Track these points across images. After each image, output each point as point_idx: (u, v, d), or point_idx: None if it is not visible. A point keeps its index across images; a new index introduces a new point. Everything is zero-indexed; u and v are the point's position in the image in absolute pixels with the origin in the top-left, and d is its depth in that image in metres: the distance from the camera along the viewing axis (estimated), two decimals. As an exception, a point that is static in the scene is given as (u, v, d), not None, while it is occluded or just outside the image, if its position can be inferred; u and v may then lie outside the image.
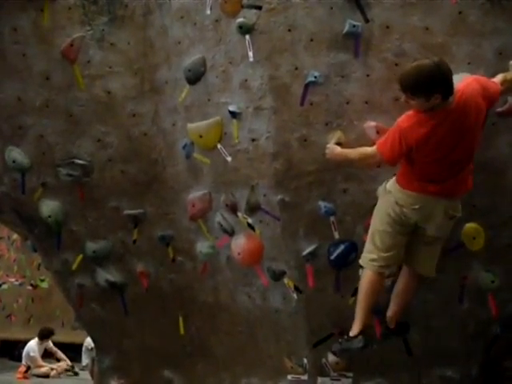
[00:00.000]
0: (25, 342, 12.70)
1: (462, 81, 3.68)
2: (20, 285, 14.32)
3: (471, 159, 3.76)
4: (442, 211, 3.79)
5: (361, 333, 4.02)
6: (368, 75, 3.98)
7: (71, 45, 4.63)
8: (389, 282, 4.25)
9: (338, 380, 4.60)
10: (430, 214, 3.79)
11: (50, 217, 4.94)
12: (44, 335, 12.29)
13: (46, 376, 11.90)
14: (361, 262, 4.03)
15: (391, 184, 3.87)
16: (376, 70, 3.97)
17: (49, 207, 4.94)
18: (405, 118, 3.65)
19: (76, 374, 12.05)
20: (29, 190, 4.91)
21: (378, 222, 3.90)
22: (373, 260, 3.92)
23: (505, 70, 3.89)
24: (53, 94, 4.72)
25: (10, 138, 4.82)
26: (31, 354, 12.08)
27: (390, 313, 4.21)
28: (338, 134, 4.03)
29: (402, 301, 4.17)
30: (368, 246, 3.97)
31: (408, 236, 3.94)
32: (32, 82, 4.71)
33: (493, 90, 3.71)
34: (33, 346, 12.27)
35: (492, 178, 4.09)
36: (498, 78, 3.81)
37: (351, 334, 4.05)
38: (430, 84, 3.47)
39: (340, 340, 4.15)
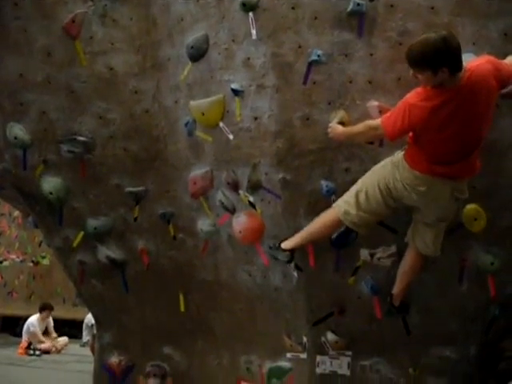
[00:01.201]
0: (26, 319, 12.78)
1: (474, 60, 3.64)
2: (21, 262, 14.35)
3: (481, 142, 3.72)
4: (448, 194, 3.78)
5: (290, 251, 4.18)
6: (371, 54, 3.96)
7: (73, 21, 4.59)
8: (388, 263, 4.27)
9: (337, 359, 4.64)
10: (435, 196, 3.77)
11: (51, 193, 4.93)
12: (43, 308, 12.39)
13: (47, 352, 11.97)
14: (334, 205, 4.02)
15: (399, 160, 3.81)
16: (380, 49, 3.95)
17: (50, 184, 4.93)
18: (413, 94, 3.62)
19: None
20: (30, 166, 4.90)
21: (372, 184, 3.88)
22: (348, 213, 3.93)
23: (510, 51, 3.87)
24: (54, 70, 4.69)
25: (12, 114, 4.80)
26: (31, 328, 12.16)
27: (395, 290, 4.25)
28: (340, 114, 4.01)
29: (407, 279, 4.19)
30: (349, 198, 3.94)
31: (392, 210, 3.95)
32: (33, 58, 4.67)
33: (506, 71, 3.66)
34: (33, 321, 12.36)
35: (494, 160, 4.07)
36: (509, 60, 3.78)
37: (283, 246, 4.20)
38: (436, 57, 3.43)
39: (272, 245, 4.29)
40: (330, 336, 4.57)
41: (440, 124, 3.56)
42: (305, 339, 4.70)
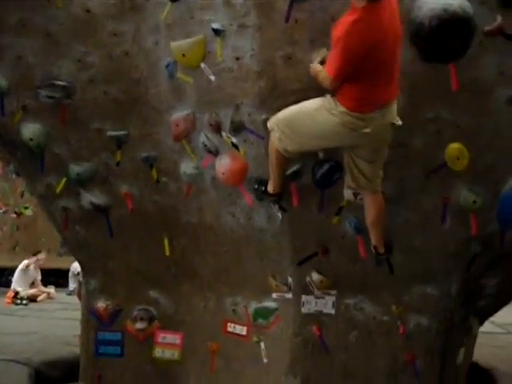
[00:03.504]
0: (11, 269, 12.83)
1: None
2: (4, 213, 14.34)
3: (396, 63, 3.72)
4: (386, 124, 3.80)
5: (277, 194, 4.28)
6: (354, -9, 3.88)
7: (46, -40, 4.44)
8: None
9: (322, 298, 4.71)
10: (377, 132, 3.78)
11: (31, 140, 4.86)
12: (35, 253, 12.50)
13: (34, 299, 12.05)
14: (269, 124, 4.05)
15: (333, 107, 3.77)
16: (363, -15, 3.87)
17: (30, 130, 4.85)
18: (339, 27, 3.63)
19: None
20: (9, 112, 4.80)
21: (304, 124, 3.90)
22: (281, 140, 3.98)
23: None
24: (29, 12, 4.54)
25: (-14, 58, 4.69)
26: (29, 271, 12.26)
27: (374, 241, 4.30)
28: (323, 52, 3.94)
29: (378, 226, 4.23)
30: (282, 126, 3.95)
31: None
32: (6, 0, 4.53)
33: None
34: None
35: (477, 99, 4.09)
36: None
37: (269, 190, 4.29)
38: None
39: (258, 186, 4.37)
40: (315, 276, 4.63)
41: (368, 38, 3.54)
42: (290, 279, 4.75)
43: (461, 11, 3.72)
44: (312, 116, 3.88)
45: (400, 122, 3.86)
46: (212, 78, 4.27)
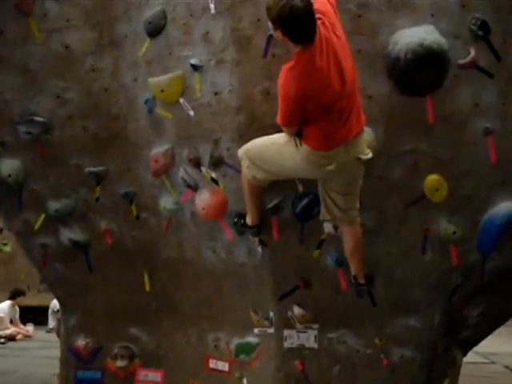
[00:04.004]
0: (-11, 307, 12.63)
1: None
2: (-18, 250, 14.13)
3: (354, 90, 3.71)
4: (354, 161, 3.81)
5: (256, 226, 4.29)
6: (331, 26, 3.94)
7: (25, -3, 4.47)
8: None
9: (304, 332, 4.67)
10: (343, 168, 3.80)
11: (9, 176, 4.84)
12: (16, 293, 12.30)
13: (13, 338, 11.85)
14: (239, 153, 4.07)
15: (298, 142, 3.81)
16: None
17: (8, 166, 4.84)
18: (281, 77, 3.68)
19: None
20: (-13, 148, 4.80)
21: (271, 158, 3.94)
22: (250, 168, 4.01)
23: (467, 22, 3.90)
24: (8, 48, 4.58)
25: (-36, 94, 4.68)
26: (1, 314, 12.05)
27: (353, 272, 4.29)
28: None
29: (357, 257, 4.23)
30: (251, 155, 3.99)
31: None
32: (-16, 37, 4.55)
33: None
34: (3, 307, 12.25)
35: (453, 130, 4.14)
36: None
37: (248, 222, 4.30)
38: (276, 17, 3.47)
39: (237, 220, 4.37)
40: (297, 310, 4.60)
41: (305, 83, 3.56)
42: (271, 314, 4.71)
43: (435, 45, 3.82)
44: (279, 150, 3.91)
45: (369, 156, 3.88)
46: (191, 113, 4.29)
